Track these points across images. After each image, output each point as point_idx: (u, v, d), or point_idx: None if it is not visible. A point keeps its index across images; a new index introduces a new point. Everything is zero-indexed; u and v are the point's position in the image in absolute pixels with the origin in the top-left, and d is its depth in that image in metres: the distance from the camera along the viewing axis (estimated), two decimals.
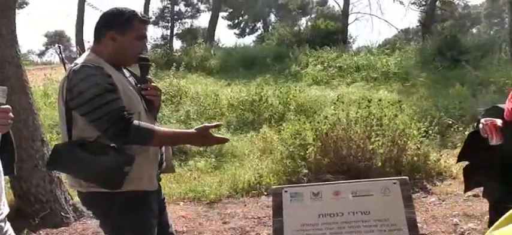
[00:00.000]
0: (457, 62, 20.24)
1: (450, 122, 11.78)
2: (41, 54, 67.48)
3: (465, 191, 4.96)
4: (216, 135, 3.69)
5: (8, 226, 3.11)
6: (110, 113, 3.29)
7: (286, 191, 3.69)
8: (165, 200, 4.19)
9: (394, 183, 3.60)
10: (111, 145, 3.36)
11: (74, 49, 47.04)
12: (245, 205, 8.16)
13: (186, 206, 8.27)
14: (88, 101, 3.28)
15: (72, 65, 3.47)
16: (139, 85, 3.73)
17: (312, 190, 3.67)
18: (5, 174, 3.34)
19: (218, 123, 4.04)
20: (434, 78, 18.95)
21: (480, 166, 4.56)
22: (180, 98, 16.32)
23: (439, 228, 6.62)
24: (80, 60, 3.49)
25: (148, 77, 3.80)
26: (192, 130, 3.66)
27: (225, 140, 3.87)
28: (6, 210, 3.04)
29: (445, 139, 11.08)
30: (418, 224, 3.53)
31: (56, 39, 65.65)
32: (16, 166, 3.36)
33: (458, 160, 4.91)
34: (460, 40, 23.00)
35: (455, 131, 11.35)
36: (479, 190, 5.34)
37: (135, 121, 3.39)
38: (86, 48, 4.39)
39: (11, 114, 3.06)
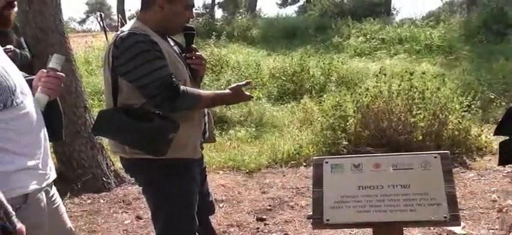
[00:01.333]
0: (503, 36, 19.91)
1: (493, 97, 11.63)
2: (82, 22, 68.44)
3: (498, 165, 4.95)
4: (247, 92, 3.88)
5: (54, 190, 3.17)
6: (159, 79, 3.34)
7: (326, 162, 3.74)
8: (206, 169, 4.27)
9: (435, 157, 3.62)
10: (157, 112, 3.40)
11: (115, 17, 47.44)
12: (284, 176, 8.23)
13: (226, 175, 8.36)
14: (137, 67, 3.34)
15: (119, 32, 3.52)
16: (184, 54, 3.79)
17: (352, 162, 3.71)
18: (54, 141, 3.41)
19: (248, 81, 4.15)
20: (478, 51, 18.66)
21: None
22: (221, 67, 16.36)
23: (477, 204, 6.60)
24: (126, 28, 3.55)
25: (193, 45, 3.85)
26: (227, 90, 3.80)
27: (250, 97, 3.98)
28: (53, 175, 3.10)
29: (486, 114, 10.95)
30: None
31: (96, 7, 66.31)
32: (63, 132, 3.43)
33: (496, 134, 4.89)
34: (507, 13, 22.51)
35: (497, 106, 11.20)
36: None
37: (182, 87, 3.45)
38: (127, 17, 4.46)
39: (62, 84, 3.15)
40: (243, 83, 3.89)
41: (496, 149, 8.51)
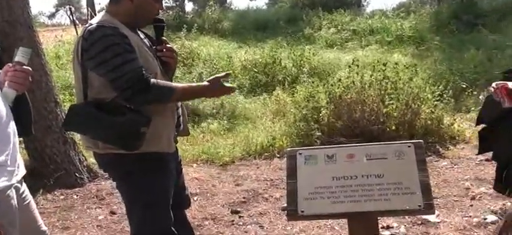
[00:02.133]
0: (474, 26, 20.00)
1: (464, 86, 11.75)
2: (51, 16, 67.73)
3: (478, 153, 5.01)
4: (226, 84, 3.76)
5: (24, 187, 3.14)
6: (129, 72, 3.28)
7: (300, 153, 3.72)
8: (182, 162, 4.23)
9: (409, 146, 3.61)
10: (128, 106, 3.35)
11: (85, 11, 47.12)
12: (258, 168, 8.25)
13: (199, 168, 8.35)
14: (107, 61, 3.27)
15: (87, 25, 3.46)
16: (154, 46, 3.74)
17: (326, 153, 3.69)
18: (24, 136, 3.36)
19: (227, 72, 4.06)
20: (449, 42, 18.74)
21: (494, 129, 4.59)
22: (193, 60, 16.31)
23: (450, 192, 6.65)
24: (94, 21, 3.49)
25: (164, 38, 3.80)
26: (205, 83, 3.71)
27: (232, 89, 3.94)
28: (22, 171, 3.06)
29: (459, 103, 11.07)
30: None
31: (66, 1, 65.61)
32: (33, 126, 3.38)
33: (478, 123, 4.94)
34: (476, 3, 22.69)
35: (469, 95, 11.33)
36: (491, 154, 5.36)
37: (153, 80, 3.38)
38: (96, 10, 4.37)
39: (30, 78, 3.10)
40: (222, 74, 3.80)
41: (468, 138, 8.63)
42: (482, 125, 4.93)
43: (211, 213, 6.47)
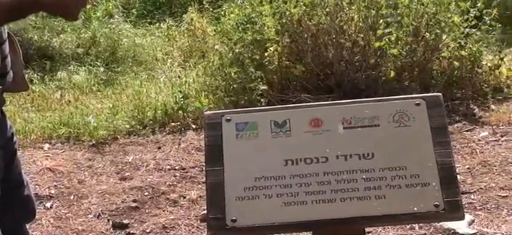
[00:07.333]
0: None
1: None
2: None
3: None
4: None
5: None
6: None
7: (228, 120, 3.66)
8: (17, 141, 4.16)
9: (417, 103, 3.58)
10: None
11: None
12: (159, 148, 8.25)
13: (55, 151, 8.30)
14: None
15: None
16: None
17: (272, 118, 3.64)
18: None
19: None
20: None
21: None
22: None
23: (494, 182, 6.61)
24: None
25: None
26: None
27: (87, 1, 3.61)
28: None
29: (508, 31, 11.07)
30: (458, 176, 3.54)
31: None
32: None
33: None
34: None
35: None
36: None
37: None
38: None
39: None
40: None
41: None
42: None
43: (78, 230, 6.43)
